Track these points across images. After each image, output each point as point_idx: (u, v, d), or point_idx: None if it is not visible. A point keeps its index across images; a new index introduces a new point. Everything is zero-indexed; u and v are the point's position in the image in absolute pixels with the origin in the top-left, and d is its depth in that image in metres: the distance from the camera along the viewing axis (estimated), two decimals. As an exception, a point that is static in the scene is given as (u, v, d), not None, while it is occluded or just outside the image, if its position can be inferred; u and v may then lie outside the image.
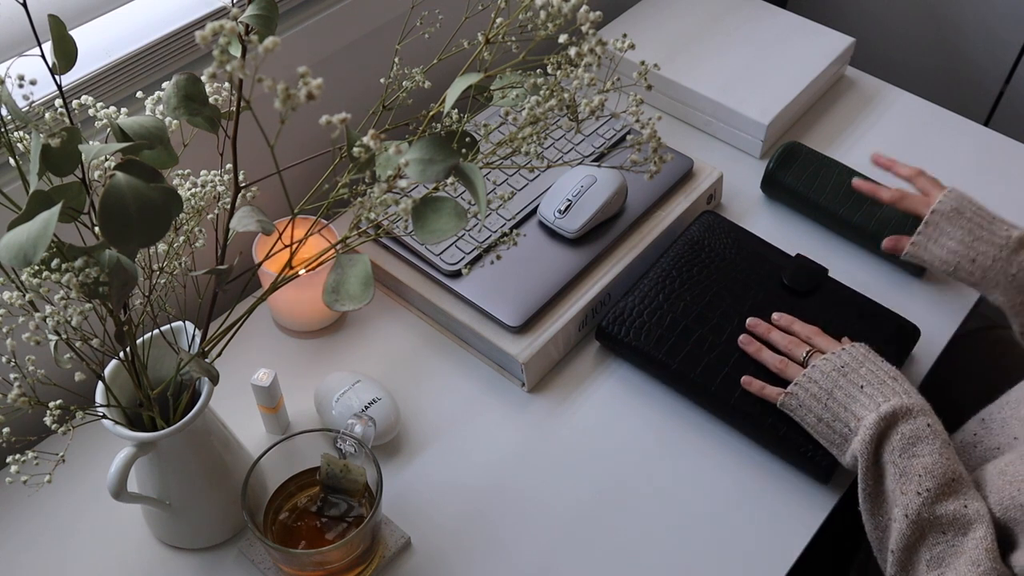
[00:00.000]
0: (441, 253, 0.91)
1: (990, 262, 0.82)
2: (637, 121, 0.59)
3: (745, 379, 0.83)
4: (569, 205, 0.92)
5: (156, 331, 0.67)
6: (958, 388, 0.87)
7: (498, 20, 0.59)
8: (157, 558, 0.76)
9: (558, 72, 0.56)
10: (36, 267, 0.54)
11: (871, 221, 0.97)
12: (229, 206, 0.59)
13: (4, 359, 0.58)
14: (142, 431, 0.65)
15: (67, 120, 0.58)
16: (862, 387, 0.76)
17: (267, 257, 0.65)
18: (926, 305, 0.95)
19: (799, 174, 1.01)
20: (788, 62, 1.15)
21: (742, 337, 0.86)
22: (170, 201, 0.52)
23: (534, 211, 0.96)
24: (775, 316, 0.87)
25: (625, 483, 0.82)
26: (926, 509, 0.69)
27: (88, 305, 0.54)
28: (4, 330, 0.57)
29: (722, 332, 0.87)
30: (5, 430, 0.56)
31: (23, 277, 0.55)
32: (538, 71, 0.58)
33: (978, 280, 0.83)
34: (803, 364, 0.82)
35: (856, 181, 0.96)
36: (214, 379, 0.63)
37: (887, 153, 1.11)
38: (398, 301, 0.96)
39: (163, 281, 0.64)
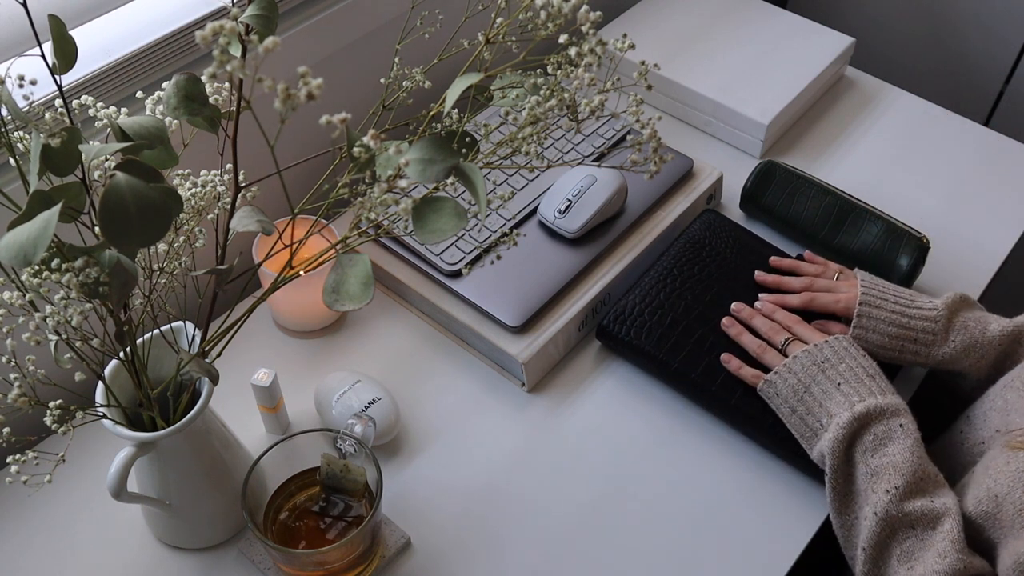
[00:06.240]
0: (441, 253, 0.91)
1: (931, 336, 0.82)
2: (637, 121, 0.59)
3: (724, 356, 0.84)
4: (569, 205, 0.92)
5: (156, 331, 0.67)
6: (957, 386, 0.87)
7: (498, 20, 0.59)
8: (157, 558, 0.76)
9: (558, 72, 0.56)
10: (36, 267, 0.53)
11: (853, 242, 0.96)
12: (229, 206, 0.59)
13: (4, 359, 0.58)
14: (142, 431, 0.65)
15: (67, 120, 0.58)
16: (839, 384, 0.77)
17: (267, 257, 0.65)
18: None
19: (777, 195, 1.00)
20: (788, 62, 1.15)
21: (725, 319, 0.87)
22: (170, 201, 0.52)
23: (534, 211, 0.96)
24: (759, 302, 0.88)
25: (625, 483, 0.82)
26: (894, 506, 0.70)
27: (88, 305, 0.54)
28: (4, 330, 0.57)
29: (723, 331, 0.87)
30: (5, 430, 0.56)
31: (23, 277, 0.55)
32: (538, 71, 0.58)
33: (924, 357, 0.82)
34: (782, 351, 0.82)
35: (759, 276, 0.91)
36: (214, 379, 0.63)
37: (887, 154, 1.11)
38: (398, 301, 0.96)
39: (163, 281, 0.64)
